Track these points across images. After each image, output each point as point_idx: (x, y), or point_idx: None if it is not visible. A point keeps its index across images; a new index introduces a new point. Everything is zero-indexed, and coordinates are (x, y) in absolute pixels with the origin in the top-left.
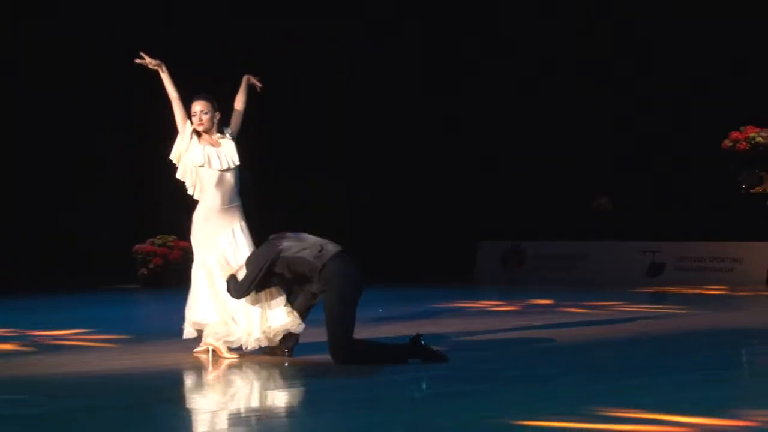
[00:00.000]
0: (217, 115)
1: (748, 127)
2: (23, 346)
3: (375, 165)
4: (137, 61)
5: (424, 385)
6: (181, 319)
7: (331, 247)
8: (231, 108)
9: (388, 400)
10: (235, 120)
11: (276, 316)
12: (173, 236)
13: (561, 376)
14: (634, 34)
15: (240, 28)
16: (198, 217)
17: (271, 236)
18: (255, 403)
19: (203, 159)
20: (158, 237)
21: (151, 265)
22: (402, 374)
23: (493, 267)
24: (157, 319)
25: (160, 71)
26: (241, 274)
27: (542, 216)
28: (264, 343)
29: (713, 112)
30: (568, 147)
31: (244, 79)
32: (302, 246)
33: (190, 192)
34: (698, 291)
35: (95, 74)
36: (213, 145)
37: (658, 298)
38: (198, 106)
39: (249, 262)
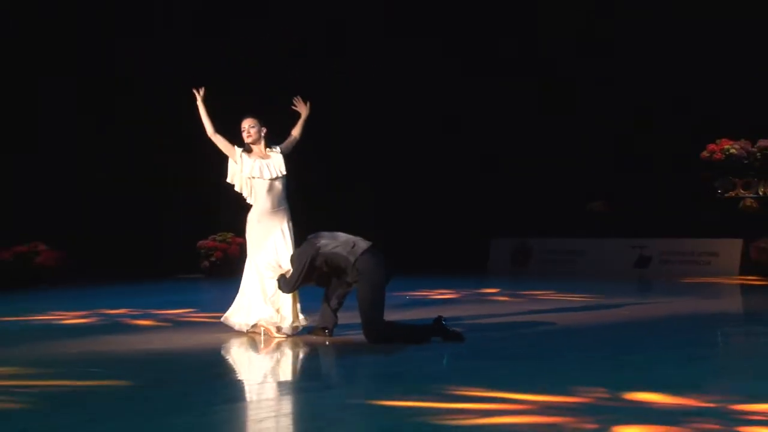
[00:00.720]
0: (264, 130)
1: (723, 140)
2: (96, 321)
3: (401, 170)
4: (194, 89)
5: (444, 361)
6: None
7: (363, 244)
8: (288, 134)
9: (413, 373)
10: (288, 143)
11: (284, 309)
12: (231, 233)
13: (560, 354)
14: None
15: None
16: (252, 219)
17: (310, 236)
18: (299, 374)
19: (256, 171)
20: (219, 234)
21: (213, 258)
22: (425, 351)
23: (504, 261)
24: (218, 304)
25: (201, 105)
26: (289, 273)
27: (547, 216)
28: (299, 328)
29: (694, 127)
30: (572, 154)
31: (303, 112)
32: (336, 243)
33: (247, 199)
34: (680, 280)
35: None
36: (262, 158)
37: (644, 287)
38: (246, 123)
39: (293, 260)
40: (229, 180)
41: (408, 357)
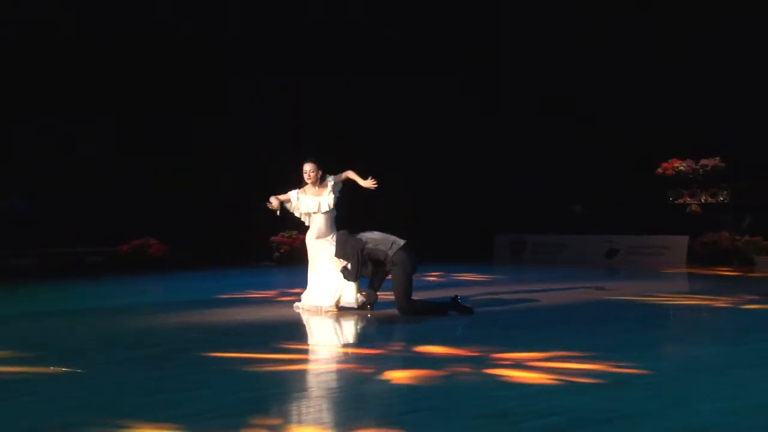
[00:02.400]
0: (320, 172)
1: (674, 159)
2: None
3: (423, 172)
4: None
5: (459, 330)
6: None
7: (399, 242)
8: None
9: (436, 336)
10: (339, 180)
11: (346, 294)
12: (296, 231)
13: (546, 325)
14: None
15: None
16: (310, 237)
17: (345, 232)
18: (346, 339)
19: (313, 207)
20: (286, 231)
21: (282, 250)
22: (444, 321)
23: (505, 253)
24: (285, 286)
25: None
26: (348, 266)
27: (540, 215)
28: (334, 308)
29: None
30: (562, 162)
31: (364, 183)
32: (378, 242)
33: (306, 223)
34: (640, 269)
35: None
36: (316, 195)
37: (612, 274)
38: (307, 167)
39: (346, 256)
40: (296, 214)
41: (431, 325)
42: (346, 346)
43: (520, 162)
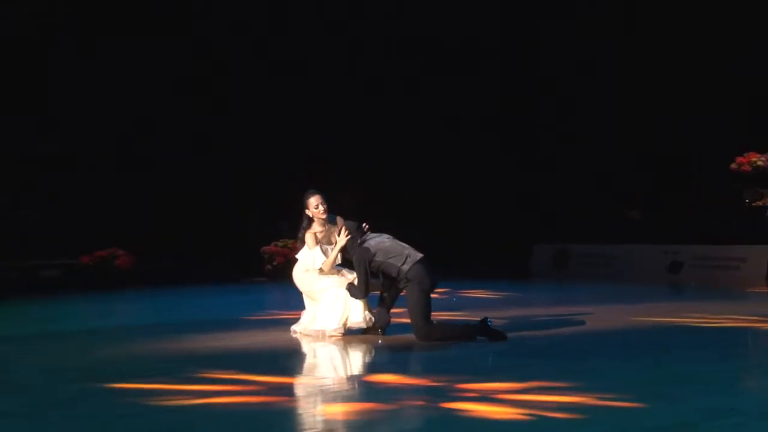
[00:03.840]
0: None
1: (750, 153)
2: (176, 329)
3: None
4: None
5: (489, 359)
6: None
7: (413, 256)
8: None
9: (459, 369)
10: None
11: (354, 312)
12: (292, 240)
13: (595, 354)
14: None
15: None
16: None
17: (356, 236)
18: (352, 370)
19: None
20: (280, 241)
21: (275, 263)
22: (472, 349)
23: (545, 265)
24: (279, 306)
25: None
26: (355, 280)
27: (586, 222)
28: (342, 330)
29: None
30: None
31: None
32: (389, 253)
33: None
34: (710, 285)
35: None
36: (326, 242)
37: (676, 292)
38: (315, 199)
39: (355, 267)
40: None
41: (454, 355)
42: (330, 377)
43: (558, 160)
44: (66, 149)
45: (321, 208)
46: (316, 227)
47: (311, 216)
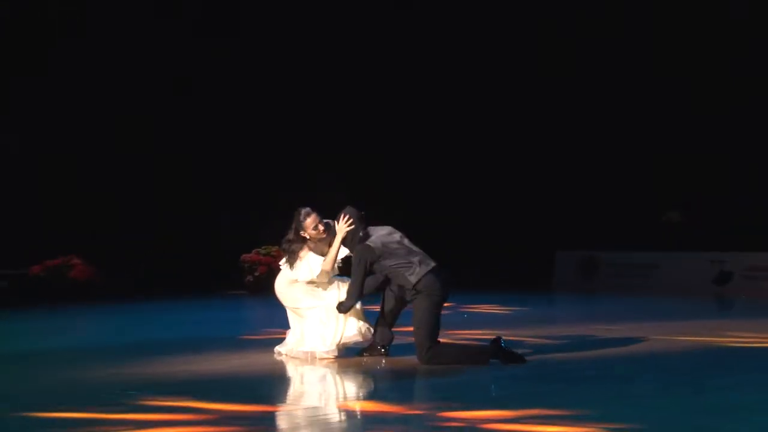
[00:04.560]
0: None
1: None
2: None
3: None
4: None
5: (493, 389)
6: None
7: (424, 267)
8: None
9: (450, 395)
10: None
11: (348, 328)
12: (275, 247)
13: (623, 380)
14: None
15: None
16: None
17: (358, 227)
18: (328, 397)
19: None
20: (263, 247)
21: (257, 273)
22: (482, 374)
23: (570, 275)
24: (261, 323)
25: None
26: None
27: (616, 227)
28: (335, 352)
29: None
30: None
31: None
32: (398, 261)
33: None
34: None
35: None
36: (318, 253)
37: (724, 306)
38: (310, 219)
39: (353, 264)
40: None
41: (464, 381)
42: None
43: (588, 155)
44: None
45: (320, 228)
46: (309, 244)
47: (307, 237)
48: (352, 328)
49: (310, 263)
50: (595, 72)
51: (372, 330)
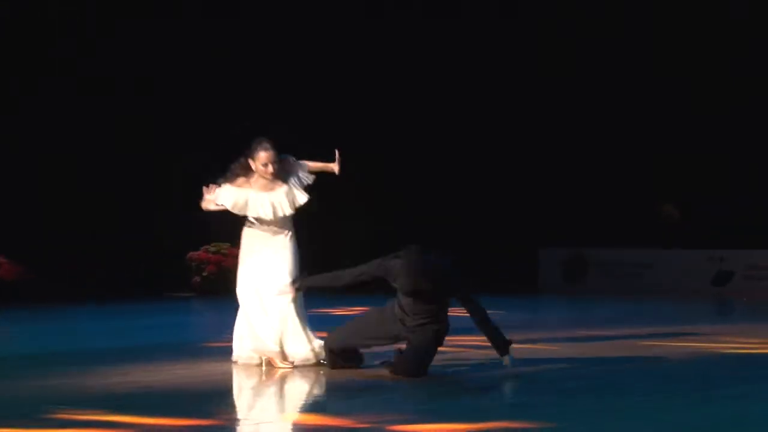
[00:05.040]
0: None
1: None
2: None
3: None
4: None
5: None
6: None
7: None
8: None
9: (422, 410)
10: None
11: (293, 342)
12: (228, 244)
13: (606, 390)
14: None
15: None
16: (247, 234)
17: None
18: (265, 409)
19: (268, 211)
20: (212, 244)
21: (206, 273)
22: (446, 385)
23: (555, 276)
24: (210, 329)
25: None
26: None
27: (604, 223)
28: (288, 358)
29: None
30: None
31: (333, 168)
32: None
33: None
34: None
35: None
36: (267, 189)
37: (724, 310)
38: (265, 154)
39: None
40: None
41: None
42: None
43: (574, 144)
44: None
45: (270, 168)
46: (256, 181)
47: (253, 168)
48: (301, 346)
49: (242, 194)
50: (587, 67)
51: (320, 350)
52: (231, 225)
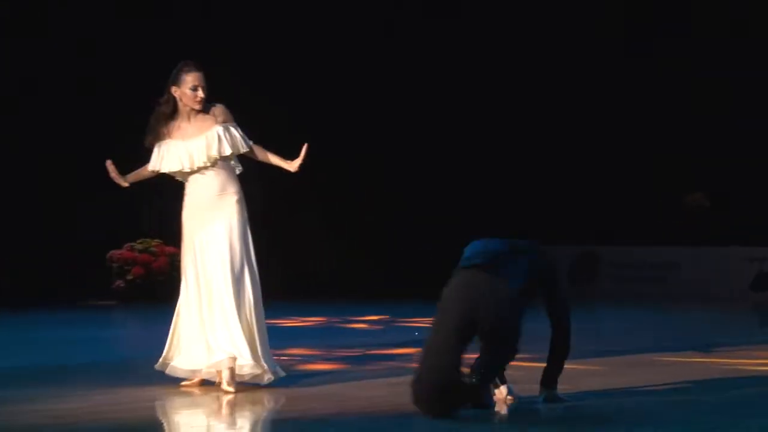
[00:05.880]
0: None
1: None
2: None
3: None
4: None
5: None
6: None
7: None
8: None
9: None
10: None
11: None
12: (157, 240)
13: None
14: None
15: None
16: (184, 217)
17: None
18: None
19: (188, 157)
20: (139, 241)
21: (130, 277)
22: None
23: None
24: (135, 345)
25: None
26: None
27: (620, 216)
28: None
29: None
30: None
31: (291, 166)
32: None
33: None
34: None
35: None
36: (193, 135)
37: (765, 319)
38: (193, 77)
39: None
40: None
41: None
42: None
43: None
44: None
45: (201, 92)
46: (180, 125)
47: (178, 99)
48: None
49: (171, 150)
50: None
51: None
52: (166, 217)
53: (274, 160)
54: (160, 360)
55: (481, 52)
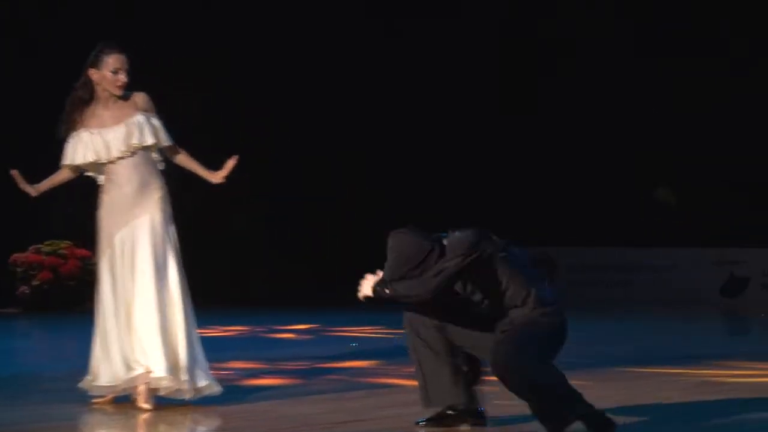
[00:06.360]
0: None
1: None
2: None
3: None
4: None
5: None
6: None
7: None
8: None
9: None
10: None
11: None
12: (67, 242)
13: None
14: None
15: None
16: (100, 216)
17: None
18: None
19: (107, 146)
20: (47, 243)
21: (36, 282)
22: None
23: None
24: (42, 358)
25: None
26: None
27: (578, 214)
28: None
29: None
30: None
31: (214, 177)
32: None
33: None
34: None
35: None
36: (111, 124)
37: (736, 328)
38: (115, 59)
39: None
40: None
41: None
42: None
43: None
44: None
45: (123, 76)
46: (97, 111)
47: (97, 83)
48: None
49: (84, 140)
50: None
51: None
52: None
53: (197, 168)
54: (87, 378)
55: (459, 53)
